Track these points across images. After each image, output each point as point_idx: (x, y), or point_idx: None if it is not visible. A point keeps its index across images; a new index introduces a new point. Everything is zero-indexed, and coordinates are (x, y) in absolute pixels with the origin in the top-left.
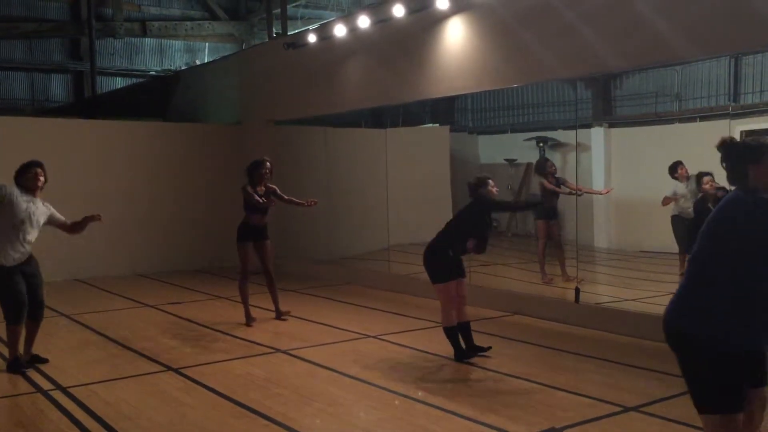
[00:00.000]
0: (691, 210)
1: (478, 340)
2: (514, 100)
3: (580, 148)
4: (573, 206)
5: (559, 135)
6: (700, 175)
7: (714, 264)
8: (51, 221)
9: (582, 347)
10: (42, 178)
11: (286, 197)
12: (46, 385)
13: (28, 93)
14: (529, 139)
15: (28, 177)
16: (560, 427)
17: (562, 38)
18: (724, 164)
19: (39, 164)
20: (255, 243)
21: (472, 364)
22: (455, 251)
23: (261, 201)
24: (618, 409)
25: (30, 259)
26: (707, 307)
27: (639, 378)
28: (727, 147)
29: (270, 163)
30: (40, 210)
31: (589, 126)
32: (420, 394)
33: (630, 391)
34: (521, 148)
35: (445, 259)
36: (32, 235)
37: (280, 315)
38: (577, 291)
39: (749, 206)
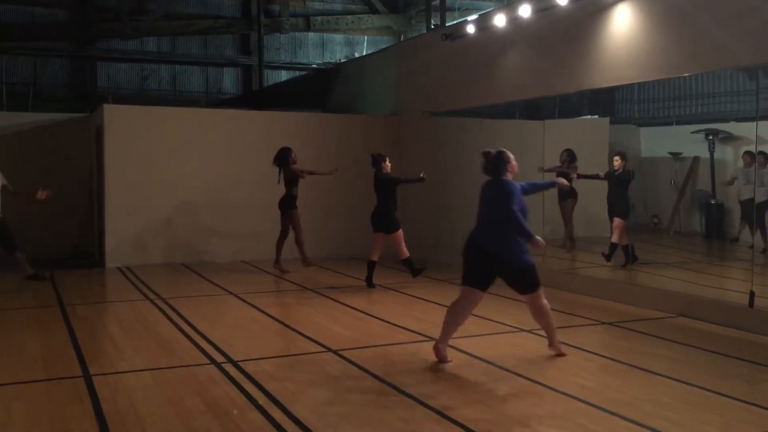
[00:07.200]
0: None
1: (640, 340)
2: (681, 90)
3: (759, 141)
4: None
5: (731, 127)
6: None
7: None
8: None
9: (757, 355)
10: None
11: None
12: (218, 357)
13: (203, 86)
14: (697, 132)
15: None
16: None
17: (744, 19)
18: None
19: None
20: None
21: (631, 365)
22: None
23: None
24: None
25: None
26: None
27: None
28: None
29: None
30: None
31: None
32: (579, 392)
33: None
34: (687, 141)
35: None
36: None
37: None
38: (752, 295)
39: None
